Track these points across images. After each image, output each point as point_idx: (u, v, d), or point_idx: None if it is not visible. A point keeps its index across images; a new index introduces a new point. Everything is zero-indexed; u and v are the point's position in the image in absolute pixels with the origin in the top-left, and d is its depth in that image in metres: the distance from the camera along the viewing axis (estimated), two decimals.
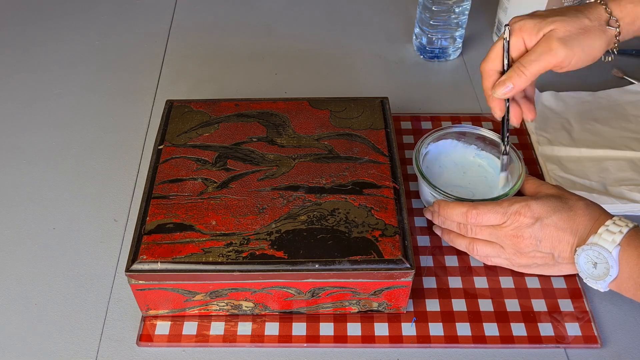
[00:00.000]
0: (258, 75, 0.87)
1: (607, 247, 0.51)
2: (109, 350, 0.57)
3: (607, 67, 0.84)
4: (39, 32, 0.95)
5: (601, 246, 0.51)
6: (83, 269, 0.63)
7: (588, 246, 0.52)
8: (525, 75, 0.57)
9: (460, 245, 0.61)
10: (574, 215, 0.54)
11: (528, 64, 0.56)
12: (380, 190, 0.58)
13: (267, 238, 0.54)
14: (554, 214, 0.54)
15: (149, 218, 0.56)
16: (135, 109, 0.81)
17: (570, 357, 0.55)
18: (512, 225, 0.55)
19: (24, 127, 0.79)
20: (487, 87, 0.61)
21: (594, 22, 0.57)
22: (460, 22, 0.84)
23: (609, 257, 0.51)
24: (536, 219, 0.55)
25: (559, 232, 0.54)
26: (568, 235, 0.54)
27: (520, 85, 0.57)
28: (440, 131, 0.67)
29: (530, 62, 0.56)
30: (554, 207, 0.55)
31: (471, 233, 0.59)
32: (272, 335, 0.57)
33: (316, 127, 0.65)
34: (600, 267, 0.52)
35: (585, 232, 0.54)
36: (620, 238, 0.51)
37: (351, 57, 0.90)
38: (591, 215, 0.54)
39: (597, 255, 0.52)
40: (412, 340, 0.56)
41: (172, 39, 0.94)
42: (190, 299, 0.56)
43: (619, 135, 0.73)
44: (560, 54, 0.55)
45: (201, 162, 0.61)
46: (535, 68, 0.56)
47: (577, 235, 0.54)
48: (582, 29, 0.56)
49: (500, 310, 0.58)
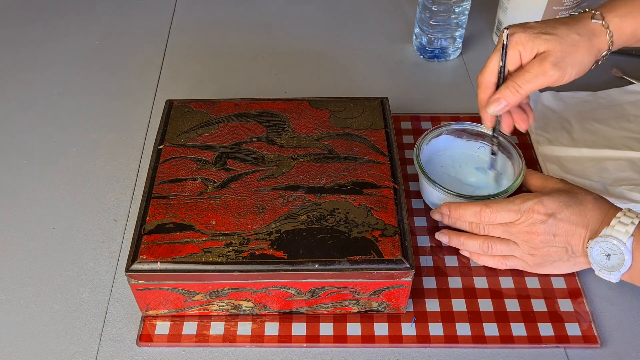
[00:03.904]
0: (258, 75, 0.87)
1: (621, 238, 0.52)
2: (108, 350, 0.57)
3: (607, 67, 0.84)
4: (39, 32, 0.95)
5: (615, 237, 0.53)
6: (83, 269, 0.63)
7: (602, 238, 0.53)
8: (520, 94, 0.59)
9: (473, 247, 0.60)
10: (584, 209, 0.55)
11: (523, 83, 0.59)
12: (380, 190, 0.58)
13: (267, 238, 0.54)
14: (566, 209, 0.55)
15: (148, 218, 0.56)
16: (135, 109, 0.81)
17: (570, 357, 0.55)
18: (527, 222, 0.56)
19: (24, 127, 0.79)
20: (482, 99, 0.62)
21: (584, 36, 0.59)
22: (460, 22, 0.84)
23: (623, 247, 0.52)
24: (550, 215, 0.55)
25: (572, 226, 0.55)
26: (580, 228, 0.55)
27: (514, 103, 0.60)
28: (440, 128, 0.67)
29: (525, 82, 0.59)
30: (565, 202, 0.56)
31: (484, 231, 0.59)
32: (271, 335, 0.57)
33: (316, 127, 0.65)
34: (614, 258, 0.53)
35: (596, 225, 0.55)
36: (633, 229, 0.52)
37: (351, 57, 0.90)
38: (601, 209, 0.55)
39: (612, 246, 0.53)
40: (412, 340, 0.56)
41: (172, 39, 0.94)
42: (190, 299, 0.56)
43: (619, 135, 0.73)
44: (555, 76, 0.58)
45: (201, 162, 0.61)
46: (529, 88, 0.59)
47: (589, 229, 0.55)
48: (573, 45, 0.59)
49: (500, 310, 0.58)
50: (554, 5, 0.80)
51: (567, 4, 0.80)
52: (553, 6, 0.80)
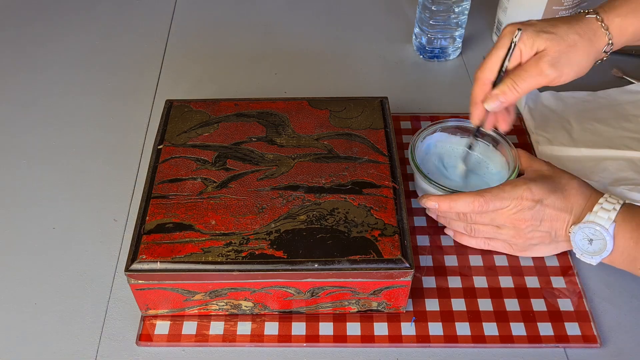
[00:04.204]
0: (258, 75, 0.87)
1: (603, 224, 0.54)
2: (108, 350, 0.57)
3: (607, 67, 0.84)
4: (39, 32, 0.95)
5: (598, 223, 0.54)
6: (83, 268, 0.63)
7: (585, 224, 0.55)
8: (517, 92, 0.59)
9: (458, 227, 0.62)
10: (568, 195, 0.57)
11: (520, 82, 0.59)
12: (379, 189, 0.58)
13: (266, 238, 0.54)
14: (552, 195, 0.56)
15: (148, 218, 0.56)
16: (135, 109, 0.81)
17: (570, 357, 0.55)
18: (515, 209, 0.57)
19: (24, 127, 0.79)
20: (477, 94, 0.62)
21: (584, 36, 0.59)
22: (460, 22, 0.84)
23: (605, 233, 0.54)
24: (537, 201, 0.56)
25: (557, 211, 0.56)
26: (564, 214, 0.56)
27: (511, 100, 0.60)
28: (435, 125, 0.67)
29: (522, 80, 0.59)
30: (551, 188, 0.57)
31: (471, 220, 0.60)
32: (271, 335, 0.57)
33: (316, 126, 0.65)
34: (596, 243, 0.55)
35: (579, 210, 0.56)
36: (614, 215, 0.54)
37: (351, 57, 0.90)
38: (584, 194, 0.57)
39: (594, 232, 0.54)
40: (411, 339, 0.56)
41: (172, 39, 0.94)
42: (189, 299, 0.56)
43: (619, 135, 0.73)
44: (551, 76, 0.58)
45: (201, 161, 0.61)
46: (527, 86, 0.59)
47: (573, 213, 0.56)
48: (571, 46, 0.59)
49: (500, 309, 0.58)
50: (553, 5, 0.80)
51: (566, 4, 0.80)
52: (553, 6, 0.80)
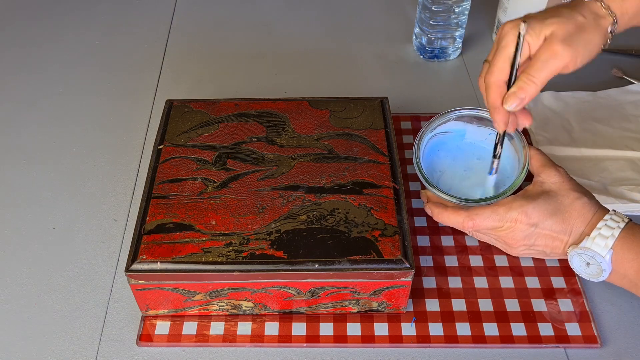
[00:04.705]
0: (258, 75, 0.87)
1: (599, 252, 0.52)
2: (108, 350, 0.57)
3: (607, 67, 0.84)
4: (39, 32, 0.95)
5: (594, 251, 0.52)
6: (83, 269, 0.63)
7: (582, 250, 0.53)
8: (536, 84, 0.55)
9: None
10: (568, 217, 0.55)
11: (536, 72, 0.54)
12: (380, 190, 0.58)
13: (266, 238, 0.54)
14: (549, 219, 0.55)
15: (148, 218, 0.56)
16: (135, 109, 0.81)
17: (570, 357, 0.55)
18: (508, 230, 0.56)
19: (24, 127, 0.79)
20: (494, 99, 0.56)
21: (588, 18, 0.56)
22: (460, 22, 0.84)
23: (602, 261, 0.52)
24: (532, 225, 0.55)
25: (554, 233, 0.55)
26: (562, 235, 0.55)
27: (532, 94, 0.55)
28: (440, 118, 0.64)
29: (537, 70, 0.54)
30: (550, 211, 0.55)
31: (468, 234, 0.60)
32: (271, 335, 0.57)
33: (316, 127, 0.65)
34: (593, 267, 0.54)
35: (578, 232, 0.55)
36: (612, 242, 0.52)
37: (351, 57, 0.90)
38: (585, 218, 0.55)
39: (590, 258, 0.53)
40: (411, 340, 0.56)
41: (172, 39, 0.94)
42: (190, 299, 0.56)
43: (619, 135, 0.73)
44: (566, 56, 0.54)
45: (201, 162, 0.61)
46: (544, 75, 0.55)
47: (571, 235, 0.55)
48: (579, 26, 0.55)
49: (500, 310, 0.58)
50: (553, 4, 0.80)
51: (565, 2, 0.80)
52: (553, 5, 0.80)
